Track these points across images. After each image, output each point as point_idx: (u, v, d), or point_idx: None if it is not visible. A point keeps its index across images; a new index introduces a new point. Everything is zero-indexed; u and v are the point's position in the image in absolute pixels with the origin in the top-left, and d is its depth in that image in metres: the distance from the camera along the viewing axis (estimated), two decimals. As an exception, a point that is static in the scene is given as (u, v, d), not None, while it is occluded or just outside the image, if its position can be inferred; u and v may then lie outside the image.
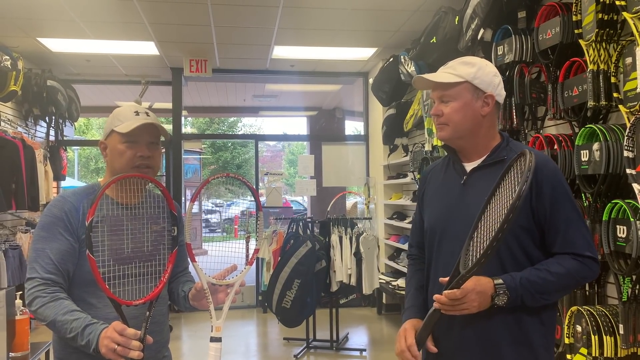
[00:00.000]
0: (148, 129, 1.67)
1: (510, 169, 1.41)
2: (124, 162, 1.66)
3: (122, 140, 1.65)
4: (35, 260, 1.57)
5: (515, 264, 1.48)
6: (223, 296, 1.59)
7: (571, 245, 1.48)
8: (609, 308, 2.46)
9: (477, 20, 3.61)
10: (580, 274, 1.48)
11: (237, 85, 7.97)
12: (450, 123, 1.56)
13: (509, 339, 1.48)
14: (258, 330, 6.00)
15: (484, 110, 1.57)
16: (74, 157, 18.23)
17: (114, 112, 1.72)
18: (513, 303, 1.42)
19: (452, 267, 1.42)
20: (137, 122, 1.64)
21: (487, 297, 1.41)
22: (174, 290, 1.83)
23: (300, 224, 5.22)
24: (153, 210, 1.67)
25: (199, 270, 1.57)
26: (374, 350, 5.05)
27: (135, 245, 1.62)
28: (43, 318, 1.52)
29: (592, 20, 2.54)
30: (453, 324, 1.50)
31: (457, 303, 1.39)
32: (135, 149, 1.66)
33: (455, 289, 1.37)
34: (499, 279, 1.43)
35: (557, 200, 1.49)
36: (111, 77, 6.91)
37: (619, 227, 2.35)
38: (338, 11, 4.68)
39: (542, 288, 1.44)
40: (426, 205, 1.73)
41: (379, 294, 6.29)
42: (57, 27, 4.98)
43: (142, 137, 1.66)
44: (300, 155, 8.15)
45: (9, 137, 4.78)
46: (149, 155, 1.68)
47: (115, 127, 1.66)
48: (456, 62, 1.59)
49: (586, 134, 2.57)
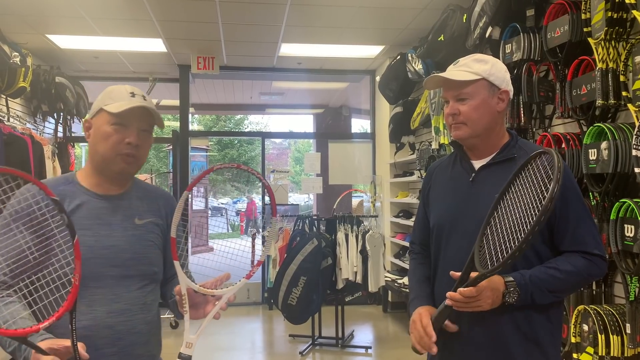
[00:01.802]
0: (142, 113, 1.45)
1: (527, 165, 1.40)
2: (109, 147, 1.43)
3: (111, 121, 1.43)
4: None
5: (524, 262, 1.48)
6: (211, 309, 1.37)
7: (580, 244, 1.49)
8: (616, 307, 2.45)
9: (485, 18, 3.60)
10: (589, 271, 1.48)
11: (244, 82, 7.98)
12: (468, 122, 1.55)
13: (518, 336, 1.49)
14: (264, 327, 6.02)
15: (499, 107, 1.57)
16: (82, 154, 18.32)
17: (106, 89, 1.49)
18: (523, 300, 1.42)
19: (461, 263, 1.42)
20: (131, 104, 1.42)
21: (499, 295, 1.41)
22: (166, 295, 1.60)
23: (306, 221, 5.23)
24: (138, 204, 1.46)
25: (179, 272, 1.35)
26: (379, 348, 5.06)
27: (14, 253, 1.33)
28: None
29: (602, 19, 2.52)
30: (461, 321, 1.49)
31: (472, 301, 1.38)
32: (124, 133, 1.44)
33: (472, 287, 1.36)
34: (509, 277, 1.43)
35: (567, 198, 1.48)
36: (119, 74, 6.94)
37: (626, 226, 2.34)
38: (345, 9, 4.68)
39: (552, 285, 1.44)
40: (432, 202, 1.72)
41: (385, 292, 6.29)
42: (66, 24, 5.01)
43: (134, 121, 1.45)
44: (307, 153, 8.14)
45: (18, 133, 4.80)
46: (138, 143, 1.46)
47: (105, 105, 1.43)
48: (469, 60, 1.58)
49: (594, 132, 2.56)
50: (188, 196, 1.39)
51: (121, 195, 1.52)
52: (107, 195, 1.45)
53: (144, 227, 1.51)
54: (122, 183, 1.53)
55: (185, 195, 1.37)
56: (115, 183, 1.51)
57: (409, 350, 1.54)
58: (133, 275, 1.44)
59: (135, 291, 1.47)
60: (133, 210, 1.52)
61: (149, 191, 1.61)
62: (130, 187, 1.56)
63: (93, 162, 1.49)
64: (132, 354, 1.44)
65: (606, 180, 2.46)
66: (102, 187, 1.47)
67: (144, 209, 1.54)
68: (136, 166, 1.50)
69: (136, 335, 1.45)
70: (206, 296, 1.36)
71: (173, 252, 1.35)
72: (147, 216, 1.52)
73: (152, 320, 1.52)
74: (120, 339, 1.41)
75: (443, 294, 1.43)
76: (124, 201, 1.51)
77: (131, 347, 1.43)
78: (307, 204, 14.62)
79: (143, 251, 1.49)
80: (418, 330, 1.47)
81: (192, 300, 1.37)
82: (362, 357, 4.85)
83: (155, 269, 1.52)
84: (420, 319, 1.49)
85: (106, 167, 1.47)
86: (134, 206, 1.53)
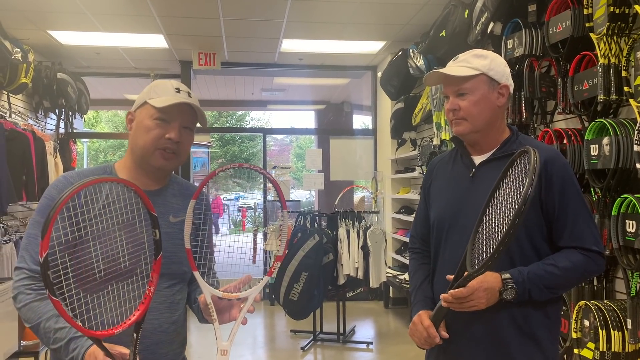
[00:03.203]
0: (186, 110, 1.45)
1: (514, 164, 1.40)
2: (149, 141, 1.42)
3: (154, 115, 1.42)
4: (26, 248, 1.36)
5: (523, 257, 1.49)
6: (236, 311, 1.34)
7: (578, 240, 1.49)
8: (617, 303, 2.45)
9: (487, 14, 3.59)
10: (587, 268, 1.49)
11: (246, 78, 7.98)
12: (469, 117, 1.55)
13: (516, 332, 1.49)
14: (265, 322, 6.04)
15: (499, 101, 1.57)
16: (84, 150, 18.35)
17: (152, 84, 1.49)
18: (521, 297, 1.42)
19: (459, 259, 1.42)
20: (176, 100, 1.42)
21: (494, 293, 1.41)
22: (190, 297, 1.57)
23: (307, 217, 5.24)
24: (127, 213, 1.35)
25: (201, 281, 1.33)
26: (380, 344, 5.07)
27: (110, 258, 1.32)
28: (26, 320, 1.33)
29: (604, 14, 2.51)
30: (459, 319, 1.50)
31: (464, 301, 1.39)
32: (166, 128, 1.43)
33: (462, 288, 1.37)
34: (506, 274, 1.43)
35: (566, 194, 1.49)
36: (120, 70, 6.94)
37: (628, 221, 2.34)
38: (347, 4, 4.67)
39: (549, 282, 1.45)
40: (433, 197, 1.73)
41: (386, 288, 6.30)
42: (67, 19, 5.01)
43: (177, 117, 1.44)
44: (308, 149, 8.15)
45: (19, 129, 4.81)
46: (179, 140, 1.44)
47: (149, 99, 1.43)
48: (468, 55, 1.58)
49: (596, 128, 2.55)
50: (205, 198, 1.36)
51: (157, 191, 1.50)
52: (144, 190, 1.36)
53: (178, 225, 1.47)
54: (159, 179, 1.51)
55: (192, 204, 1.34)
56: (152, 178, 1.49)
57: (410, 346, 1.56)
58: (163, 274, 1.37)
59: (164, 290, 1.45)
60: (168, 207, 1.50)
61: (184, 188, 1.58)
62: (167, 183, 1.53)
63: (133, 155, 1.47)
64: (157, 352, 1.43)
65: (607, 176, 2.46)
66: (140, 182, 1.40)
67: (179, 206, 1.51)
68: (176, 163, 1.48)
69: (162, 334, 1.44)
70: (231, 300, 1.33)
71: (191, 263, 1.33)
72: (182, 214, 1.46)
73: (178, 319, 1.50)
74: (145, 337, 1.38)
75: (442, 290, 1.44)
76: (160, 198, 1.49)
77: (156, 345, 1.42)
78: (309, 200, 14.62)
79: (174, 250, 1.45)
80: (420, 332, 1.50)
81: (217, 305, 1.34)
82: (364, 352, 4.86)
83: (185, 268, 1.47)
84: (421, 320, 1.51)
85: (145, 162, 1.45)
86: (169, 203, 1.51)
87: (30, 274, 1.34)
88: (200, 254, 1.45)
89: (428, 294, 1.67)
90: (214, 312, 1.32)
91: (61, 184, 1.41)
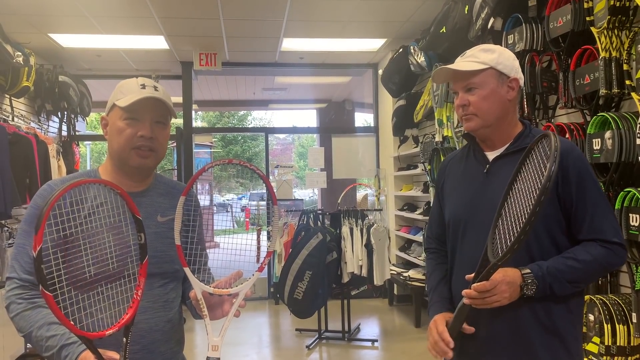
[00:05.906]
0: (153, 104, 1.42)
1: (531, 152, 1.38)
2: (123, 142, 1.41)
3: (123, 115, 1.41)
4: (15, 258, 1.36)
5: (542, 252, 1.46)
6: (228, 307, 1.35)
7: (598, 232, 1.45)
8: (621, 297, 2.45)
9: (487, 9, 3.58)
10: (608, 260, 1.45)
11: (247, 78, 7.98)
12: (479, 112, 1.53)
13: (539, 329, 1.46)
14: (270, 321, 6.05)
15: (510, 95, 1.54)
16: (86, 152, 18.38)
17: (118, 85, 1.48)
18: (542, 292, 1.40)
19: (478, 257, 1.39)
20: (140, 95, 1.39)
21: (516, 288, 1.38)
22: (185, 293, 1.57)
23: (311, 216, 5.24)
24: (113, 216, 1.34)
25: (191, 277, 1.32)
26: (385, 341, 5.07)
27: (99, 260, 1.32)
28: (19, 329, 1.33)
29: (604, 7, 2.51)
30: (481, 316, 1.46)
31: (488, 295, 1.36)
32: (137, 127, 1.41)
33: (485, 281, 1.34)
34: (526, 269, 1.40)
35: (583, 186, 1.46)
36: (122, 72, 6.95)
37: (631, 215, 2.33)
38: (347, 2, 4.66)
39: (570, 276, 1.41)
40: (447, 196, 1.69)
41: (390, 285, 6.31)
42: (68, 22, 5.02)
43: (146, 113, 1.42)
44: (310, 148, 8.15)
45: (22, 132, 4.83)
46: (151, 136, 1.42)
47: (116, 100, 1.42)
48: (476, 50, 1.56)
49: (598, 122, 2.55)
50: (194, 195, 1.36)
51: (143, 192, 1.49)
52: (128, 192, 1.35)
53: (167, 224, 1.47)
54: (142, 179, 1.50)
55: (182, 200, 1.33)
56: (135, 179, 1.48)
57: (415, 343, 1.54)
58: (155, 273, 1.40)
59: (157, 289, 1.45)
60: (155, 207, 1.49)
61: (171, 187, 1.58)
62: (151, 183, 1.53)
63: (112, 159, 1.47)
64: (154, 351, 1.44)
65: (610, 170, 2.45)
66: (123, 184, 1.39)
67: (166, 205, 1.51)
68: (154, 160, 1.46)
69: (158, 333, 1.44)
70: (222, 296, 1.33)
71: (181, 259, 1.32)
72: (170, 213, 1.47)
73: (173, 317, 1.50)
74: (142, 336, 1.40)
75: (461, 289, 1.41)
76: (146, 198, 1.48)
77: (153, 344, 1.43)
78: (312, 198, 14.63)
79: (164, 249, 1.45)
80: (433, 337, 1.47)
81: (209, 301, 1.34)
82: (369, 350, 4.86)
83: (177, 267, 1.47)
84: (436, 326, 1.48)
85: (123, 163, 1.44)
86: (156, 203, 1.50)
87: (20, 283, 1.34)
88: (190, 250, 1.44)
89: (445, 294, 1.63)
90: (205, 307, 1.32)
91: (46, 192, 1.41)
